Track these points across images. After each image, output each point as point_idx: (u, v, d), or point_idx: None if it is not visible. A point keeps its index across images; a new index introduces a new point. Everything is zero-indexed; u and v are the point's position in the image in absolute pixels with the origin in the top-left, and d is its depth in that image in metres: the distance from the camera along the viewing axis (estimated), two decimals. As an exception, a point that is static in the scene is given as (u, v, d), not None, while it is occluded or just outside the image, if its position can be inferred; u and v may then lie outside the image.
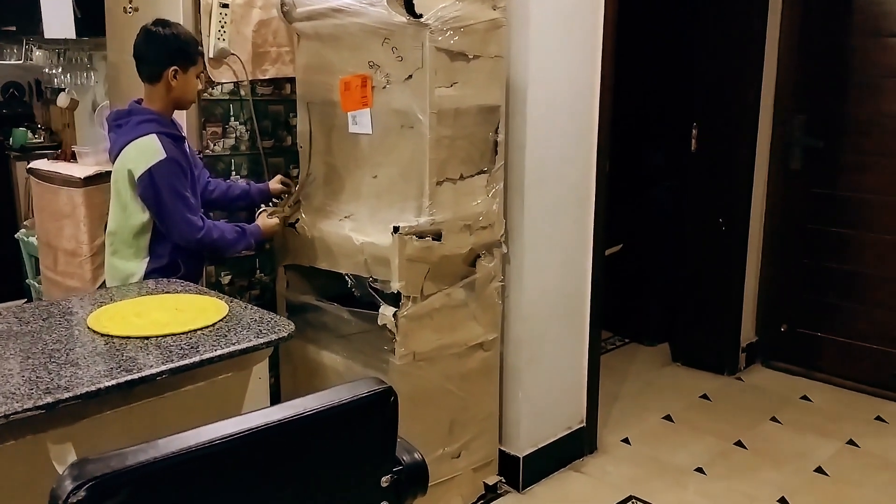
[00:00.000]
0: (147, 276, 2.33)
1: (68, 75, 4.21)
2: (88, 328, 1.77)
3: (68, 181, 3.50)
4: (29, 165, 3.88)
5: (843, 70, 3.61)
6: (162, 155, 2.23)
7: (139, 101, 2.36)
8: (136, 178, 2.24)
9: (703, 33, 3.73)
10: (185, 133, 2.45)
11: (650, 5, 3.93)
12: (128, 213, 2.31)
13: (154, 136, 2.25)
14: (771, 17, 3.65)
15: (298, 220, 2.66)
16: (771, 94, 3.74)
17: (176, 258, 2.35)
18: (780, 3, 3.68)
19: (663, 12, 4.05)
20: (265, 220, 2.54)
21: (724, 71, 3.67)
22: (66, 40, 3.88)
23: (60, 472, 0.97)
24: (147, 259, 2.34)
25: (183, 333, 1.68)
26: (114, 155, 2.34)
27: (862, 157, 3.59)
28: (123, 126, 2.31)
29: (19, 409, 1.36)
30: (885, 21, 3.46)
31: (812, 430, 3.29)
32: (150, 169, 2.22)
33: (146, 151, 2.23)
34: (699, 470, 2.97)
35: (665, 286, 4.13)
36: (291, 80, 2.77)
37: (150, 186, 2.23)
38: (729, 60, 3.66)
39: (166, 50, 2.27)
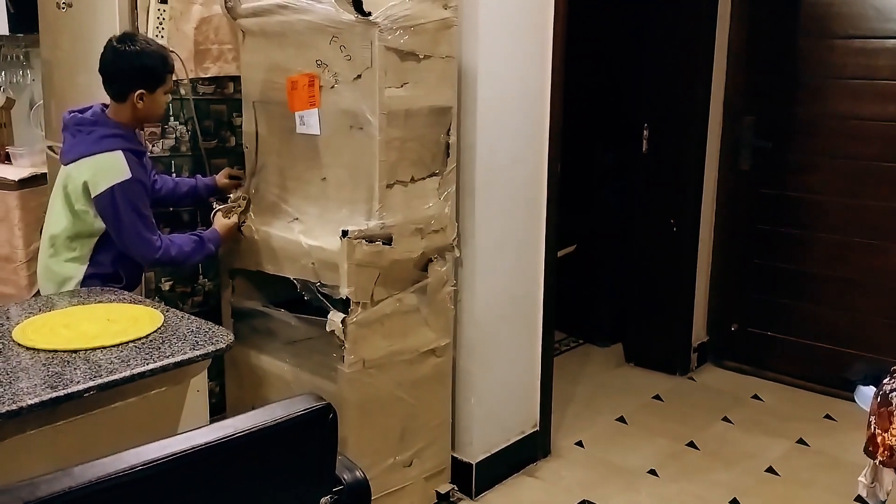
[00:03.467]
0: (85, 280, 2.24)
1: (3, 73, 4.04)
2: (13, 341, 1.67)
3: (2, 183, 3.36)
4: (-40, 167, 3.71)
5: (791, 72, 3.65)
6: (127, 175, 2.16)
7: (104, 107, 2.25)
8: (93, 193, 2.16)
9: (653, 35, 3.74)
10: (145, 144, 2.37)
11: (600, 6, 3.93)
12: (81, 220, 2.22)
13: (120, 154, 2.17)
14: (720, 19, 3.68)
15: (245, 221, 2.58)
16: (720, 96, 3.77)
17: (118, 269, 2.28)
18: (728, 6, 3.71)
19: (613, 13, 4.05)
20: (221, 220, 2.47)
21: (674, 72, 3.69)
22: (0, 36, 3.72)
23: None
24: (87, 265, 2.25)
25: (113, 346, 1.60)
26: (68, 159, 2.23)
27: (809, 157, 3.64)
28: (86, 134, 2.21)
29: (-71, 432, 1.26)
30: (832, 23, 3.51)
31: (763, 429, 3.32)
32: (112, 187, 2.15)
33: (110, 169, 2.16)
34: (652, 472, 2.97)
35: (617, 287, 4.13)
36: (235, 79, 2.68)
37: (110, 205, 2.16)
38: (678, 62, 3.67)
39: (133, 71, 2.18)
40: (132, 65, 2.17)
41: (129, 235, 2.19)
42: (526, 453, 2.96)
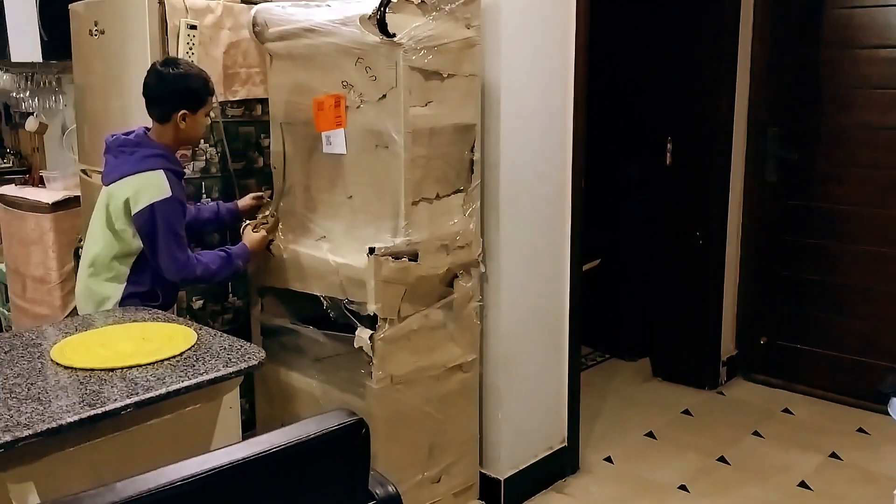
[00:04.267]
0: (124, 300, 2.29)
1: (36, 99, 4.14)
2: (52, 360, 1.71)
3: (36, 206, 3.44)
4: (-4, 191, 3.80)
5: (815, 82, 3.63)
6: (167, 193, 2.22)
7: (147, 129, 2.32)
8: (133, 210, 2.22)
9: (676, 47, 3.74)
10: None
11: (622, 19, 3.95)
12: (120, 240, 2.27)
13: (161, 173, 2.24)
14: (743, 30, 3.68)
15: (273, 240, 2.61)
16: (744, 107, 3.76)
17: (155, 287, 2.33)
18: (751, 17, 3.71)
19: (635, 26, 4.07)
20: (251, 234, 2.52)
21: (698, 84, 3.69)
22: (33, 63, 3.82)
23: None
24: (125, 284, 2.31)
25: (149, 364, 1.63)
26: (110, 179, 2.29)
27: (836, 168, 3.61)
28: (129, 154, 2.27)
29: (-25, 450, 1.30)
30: (855, 34, 3.49)
31: (794, 443, 3.28)
32: (152, 205, 2.21)
33: (152, 187, 2.22)
34: (682, 487, 2.94)
35: (644, 300, 4.12)
36: (262, 101, 2.73)
37: (148, 222, 2.22)
38: (702, 74, 3.67)
39: (176, 93, 2.25)
40: (176, 86, 2.24)
41: (160, 252, 2.23)
42: (554, 469, 2.95)
